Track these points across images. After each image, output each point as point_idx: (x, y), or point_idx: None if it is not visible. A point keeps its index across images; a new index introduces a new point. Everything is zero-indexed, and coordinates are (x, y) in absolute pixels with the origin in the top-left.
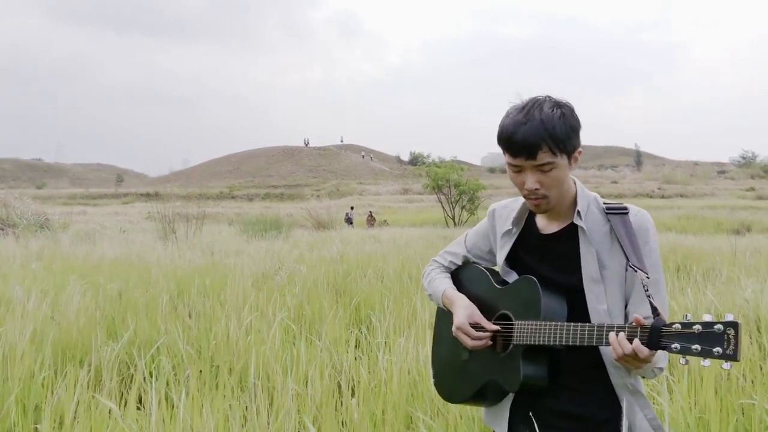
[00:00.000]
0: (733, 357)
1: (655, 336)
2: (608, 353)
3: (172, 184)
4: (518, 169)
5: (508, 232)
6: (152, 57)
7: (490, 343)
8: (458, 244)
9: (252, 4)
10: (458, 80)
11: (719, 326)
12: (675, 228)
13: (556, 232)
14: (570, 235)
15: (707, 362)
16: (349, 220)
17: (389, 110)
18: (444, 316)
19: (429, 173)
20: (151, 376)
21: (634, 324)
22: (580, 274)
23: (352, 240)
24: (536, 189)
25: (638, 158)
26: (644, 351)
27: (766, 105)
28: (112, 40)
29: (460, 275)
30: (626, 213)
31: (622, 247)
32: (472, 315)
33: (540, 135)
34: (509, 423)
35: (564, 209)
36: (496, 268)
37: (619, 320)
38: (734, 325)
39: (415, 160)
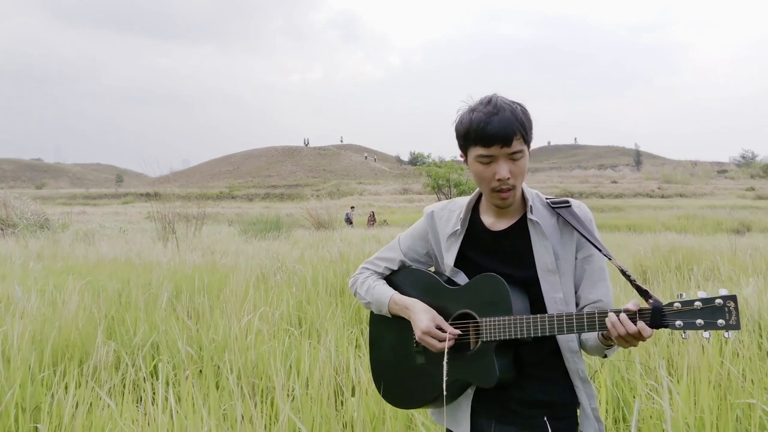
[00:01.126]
0: (735, 326)
1: (658, 316)
2: (572, 337)
3: (172, 184)
4: (489, 160)
5: (454, 233)
6: (153, 58)
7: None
8: (392, 249)
9: (254, 7)
10: (458, 80)
11: (719, 300)
12: (675, 228)
13: (506, 229)
14: (521, 230)
15: (707, 334)
16: (348, 220)
17: (389, 110)
18: (384, 322)
19: (429, 173)
20: (152, 376)
21: (630, 308)
22: (534, 267)
23: (352, 240)
24: (508, 178)
25: (638, 158)
26: (648, 330)
27: (766, 105)
28: (114, 42)
29: (397, 280)
30: (569, 205)
31: (584, 236)
32: (434, 318)
33: (512, 123)
34: (472, 421)
35: (514, 206)
36: (431, 269)
37: (573, 307)
38: (733, 297)
39: (415, 160)
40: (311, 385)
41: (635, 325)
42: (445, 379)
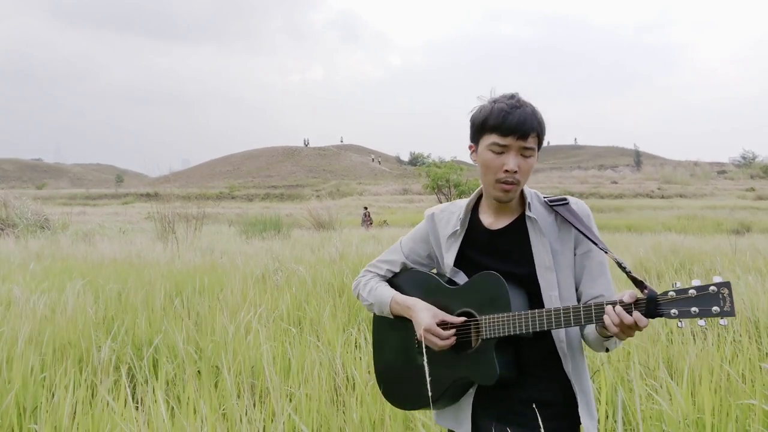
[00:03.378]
0: (730, 313)
1: (653, 305)
2: (562, 339)
3: (171, 185)
4: (501, 150)
5: (453, 234)
6: (153, 58)
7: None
8: (394, 252)
9: (255, 7)
10: (458, 80)
11: (713, 288)
12: (675, 228)
13: (504, 227)
14: (519, 228)
15: (703, 322)
16: (368, 220)
17: (389, 110)
18: (387, 323)
19: (429, 173)
20: (152, 376)
21: (624, 299)
22: (533, 264)
23: (353, 241)
24: (515, 172)
25: (638, 158)
26: (644, 320)
27: (766, 105)
28: (114, 42)
29: (398, 282)
30: (567, 203)
31: (582, 232)
32: (436, 315)
33: (532, 120)
34: (473, 421)
35: (512, 205)
36: (434, 271)
37: (572, 302)
38: (727, 284)
39: (415, 161)
40: (310, 386)
41: (631, 315)
42: (425, 374)
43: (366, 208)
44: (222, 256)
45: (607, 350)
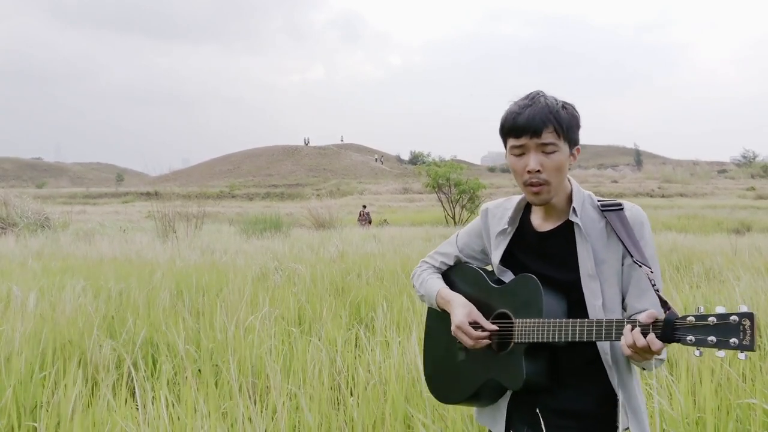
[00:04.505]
0: (749, 347)
1: (669, 329)
2: (606, 351)
3: (172, 184)
4: (521, 151)
5: (503, 232)
6: (153, 58)
7: (489, 342)
8: (449, 245)
9: (255, 7)
10: (458, 80)
11: (735, 317)
12: (675, 227)
13: (552, 230)
14: (566, 232)
15: (722, 353)
16: (366, 219)
17: (389, 110)
18: (436, 317)
19: (429, 172)
20: (152, 375)
21: (641, 319)
22: (578, 270)
23: (353, 240)
24: (538, 171)
25: (638, 157)
26: (657, 344)
27: (766, 105)
28: (114, 41)
29: (452, 275)
30: (621, 209)
31: (622, 242)
32: (470, 314)
33: (545, 115)
34: (507, 423)
35: (560, 207)
36: (489, 268)
37: (617, 314)
38: (750, 315)
39: (415, 160)
40: (311, 385)
41: (645, 338)
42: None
43: (364, 206)
44: (222, 255)
45: (644, 369)
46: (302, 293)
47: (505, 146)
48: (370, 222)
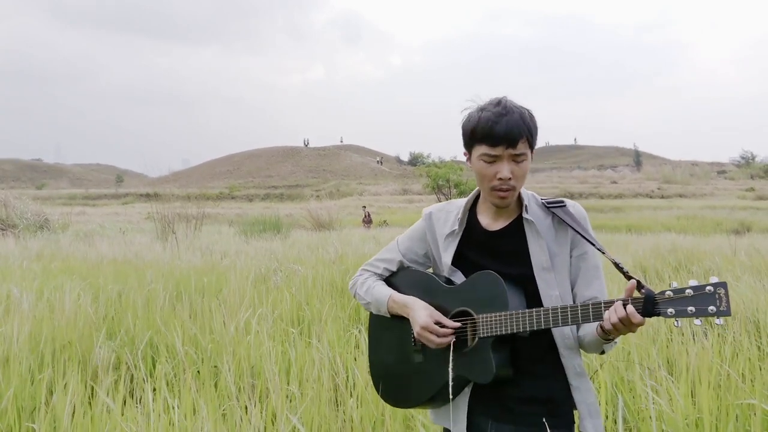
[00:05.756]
0: (726, 312)
1: (650, 304)
2: (567, 335)
3: (171, 185)
4: (493, 159)
5: (452, 233)
6: (153, 58)
7: (453, 340)
8: (391, 251)
9: (255, 7)
10: (458, 80)
11: (710, 287)
12: (674, 228)
13: (502, 228)
14: (516, 229)
15: (699, 321)
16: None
17: (389, 110)
18: (382, 322)
19: (429, 173)
20: (151, 376)
21: (623, 298)
22: (530, 265)
23: (352, 241)
24: (509, 179)
25: (638, 158)
26: (638, 317)
27: (766, 105)
28: (114, 42)
29: (395, 281)
30: (564, 205)
31: (578, 232)
32: (433, 314)
33: (520, 126)
34: (468, 420)
35: (510, 206)
36: (430, 271)
37: (569, 302)
38: (723, 284)
39: (415, 160)
40: (310, 386)
41: (625, 310)
42: (450, 371)
43: (365, 207)
44: (222, 256)
45: (603, 352)
46: (302, 294)
47: (468, 149)
48: (370, 222)
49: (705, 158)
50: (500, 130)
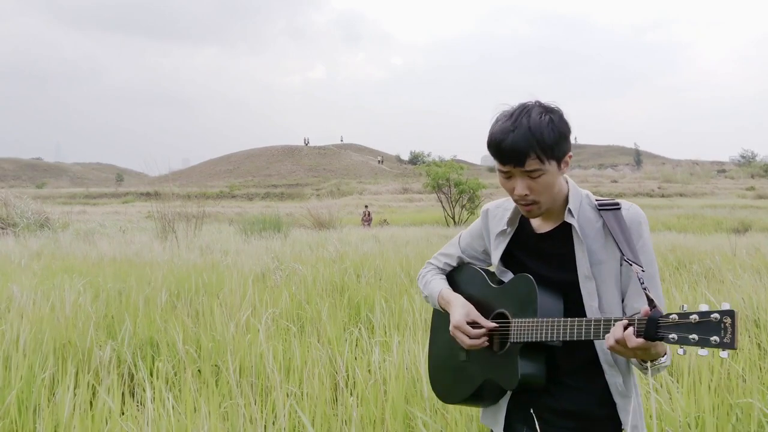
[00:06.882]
0: (730, 345)
1: (653, 327)
2: (606, 350)
3: (171, 184)
4: (508, 175)
5: (502, 232)
6: (155, 59)
7: (487, 342)
8: (452, 246)
9: (257, 8)
10: (459, 80)
11: (716, 315)
12: (675, 227)
13: (549, 231)
14: (563, 233)
15: (705, 351)
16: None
17: (390, 110)
18: (440, 317)
19: (429, 172)
20: (152, 375)
21: (636, 316)
22: (576, 271)
23: (352, 240)
24: (525, 195)
25: (638, 157)
26: (633, 341)
27: (766, 105)
28: (115, 42)
29: (455, 276)
30: (618, 208)
31: (616, 242)
32: (468, 314)
33: (528, 142)
34: (506, 422)
35: (557, 208)
36: (491, 268)
37: (616, 314)
38: (731, 313)
39: (415, 159)
40: (310, 384)
41: (622, 332)
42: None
43: (366, 207)
44: (222, 255)
45: (643, 373)
46: (302, 293)
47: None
48: (370, 221)
49: (705, 157)
50: (506, 149)
